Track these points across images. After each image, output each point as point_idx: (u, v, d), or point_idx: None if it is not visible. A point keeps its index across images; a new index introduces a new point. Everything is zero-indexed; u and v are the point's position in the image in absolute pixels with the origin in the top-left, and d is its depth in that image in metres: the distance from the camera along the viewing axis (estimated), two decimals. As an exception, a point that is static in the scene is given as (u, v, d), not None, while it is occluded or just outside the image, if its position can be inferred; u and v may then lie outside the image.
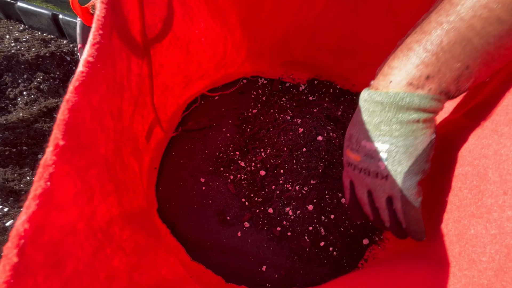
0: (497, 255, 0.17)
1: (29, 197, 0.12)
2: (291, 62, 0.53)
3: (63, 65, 0.70)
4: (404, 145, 0.22)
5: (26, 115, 0.59)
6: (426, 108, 0.21)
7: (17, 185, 0.48)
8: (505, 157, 0.20)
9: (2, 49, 0.65)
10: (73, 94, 0.15)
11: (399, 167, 0.22)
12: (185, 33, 0.35)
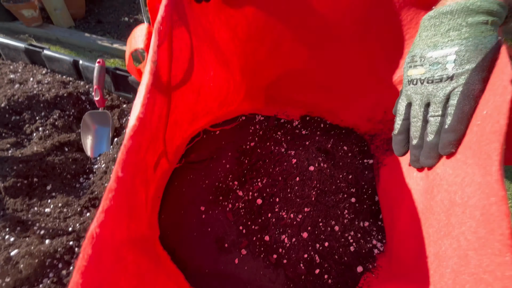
0: (454, 265, 0.19)
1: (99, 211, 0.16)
2: (285, 101, 0.59)
3: (78, 103, 0.76)
4: (474, 43, 0.24)
5: (40, 149, 0.63)
6: (494, 10, 0.23)
7: (25, 215, 0.50)
8: (467, 183, 0.23)
9: (25, 90, 0.72)
10: (130, 141, 0.20)
11: (467, 65, 0.24)
12: (199, 80, 0.40)
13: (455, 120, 0.25)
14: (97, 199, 0.56)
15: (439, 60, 0.26)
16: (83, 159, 0.67)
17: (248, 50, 0.48)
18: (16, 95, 0.70)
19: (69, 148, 0.68)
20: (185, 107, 0.41)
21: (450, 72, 0.25)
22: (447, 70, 0.25)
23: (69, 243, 0.46)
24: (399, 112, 0.30)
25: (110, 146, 0.70)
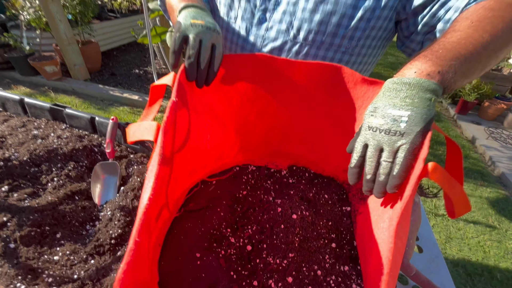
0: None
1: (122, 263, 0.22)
2: (274, 153, 0.67)
3: (91, 155, 0.85)
4: (421, 112, 0.32)
5: (54, 198, 0.70)
6: (438, 91, 0.32)
7: (36, 263, 0.54)
8: (380, 223, 0.29)
9: (46, 145, 0.81)
10: (143, 216, 0.27)
11: (414, 128, 0.31)
12: (197, 143, 0.49)
13: (401, 170, 0.32)
14: (102, 246, 0.61)
15: (395, 118, 0.33)
16: (91, 207, 0.73)
17: (241, 115, 0.58)
18: (38, 149, 0.79)
19: (79, 196, 0.75)
20: (185, 164, 0.48)
21: (402, 130, 0.32)
22: (400, 127, 0.32)
23: (74, 291, 0.49)
24: (356, 150, 0.37)
25: (117, 194, 0.76)
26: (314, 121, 0.57)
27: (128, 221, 0.66)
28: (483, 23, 0.37)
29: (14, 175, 0.74)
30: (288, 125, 0.61)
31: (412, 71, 0.34)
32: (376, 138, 0.34)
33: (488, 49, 0.36)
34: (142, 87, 2.89)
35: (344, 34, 0.52)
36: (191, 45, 0.42)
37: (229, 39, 0.61)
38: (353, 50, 0.54)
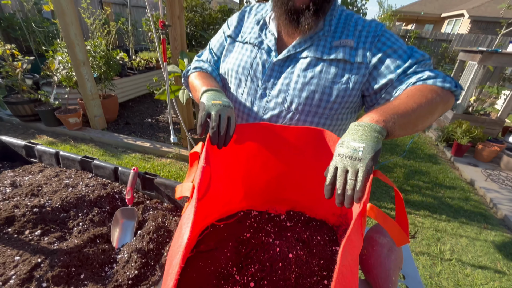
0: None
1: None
2: (273, 199, 0.77)
3: (112, 201, 0.96)
4: (372, 145, 0.45)
5: (79, 241, 0.79)
6: (381, 132, 0.47)
7: (63, 301, 0.61)
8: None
9: (75, 192, 0.93)
10: (188, 242, 0.37)
11: (368, 155, 0.44)
12: (213, 193, 0.61)
13: (362, 185, 0.44)
14: (120, 286, 0.68)
15: (355, 148, 0.46)
16: (110, 249, 0.81)
17: (246, 168, 0.70)
18: (68, 197, 0.91)
19: (100, 240, 0.83)
20: (202, 211, 0.59)
21: (360, 156, 0.45)
22: (359, 155, 0.45)
23: (98, 326, 0.55)
24: (330, 171, 0.48)
25: (133, 237, 0.85)
26: (306, 173, 0.69)
27: (143, 263, 0.74)
28: (414, 97, 0.56)
29: (46, 220, 0.84)
30: (285, 176, 0.73)
31: (367, 118, 0.50)
32: (343, 162, 0.46)
33: (415, 113, 0.53)
34: (154, 135, 3.12)
35: (325, 106, 0.68)
36: (213, 119, 0.57)
37: (237, 108, 0.77)
38: (332, 116, 0.70)
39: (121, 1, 7.47)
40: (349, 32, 0.68)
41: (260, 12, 0.77)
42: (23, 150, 1.16)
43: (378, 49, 0.66)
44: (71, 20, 2.36)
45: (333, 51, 0.67)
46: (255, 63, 0.72)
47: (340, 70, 0.67)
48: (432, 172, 2.76)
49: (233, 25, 0.80)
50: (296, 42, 0.69)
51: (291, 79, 0.69)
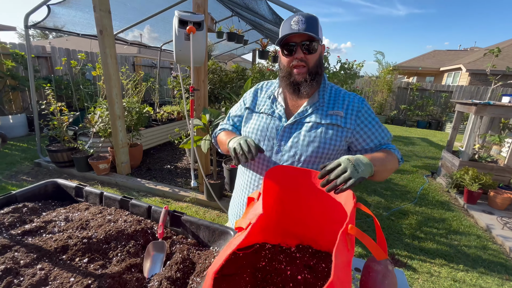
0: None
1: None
2: (285, 234, 0.90)
3: (145, 235, 1.10)
4: (366, 172, 0.69)
5: (119, 269, 0.92)
6: (372, 171, 0.71)
7: (109, 317, 0.72)
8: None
9: (116, 227, 1.09)
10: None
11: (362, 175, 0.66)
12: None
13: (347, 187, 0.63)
14: (154, 308, 0.78)
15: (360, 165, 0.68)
16: (142, 278, 0.93)
17: (269, 211, 0.87)
18: (111, 231, 1.07)
19: (134, 269, 0.96)
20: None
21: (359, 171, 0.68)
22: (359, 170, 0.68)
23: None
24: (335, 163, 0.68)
25: (162, 267, 0.97)
26: (312, 211, 0.84)
27: (172, 290, 0.85)
28: (384, 157, 0.82)
29: (92, 250, 0.99)
30: (294, 213, 0.87)
31: (363, 160, 0.72)
32: (348, 164, 0.66)
33: (387, 166, 0.80)
34: (172, 180, 3.33)
35: (325, 156, 0.87)
36: (239, 148, 0.78)
37: (258, 161, 0.98)
38: (329, 161, 0.89)
39: (149, 63, 8.64)
40: (339, 104, 0.93)
41: (270, 89, 1.04)
42: (73, 191, 1.37)
43: (361, 121, 0.94)
44: (114, 83, 2.84)
45: (329, 118, 0.91)
46: (270, 127, 0.96)
47: (335, 131, 0.90)
48: (446, 219, 2.72)
49: (250, 100, 1.07)
50: (300, 111, 0.93)
51: (299, 138, 0.91)
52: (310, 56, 0.88)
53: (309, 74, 0.89)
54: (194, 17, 1.70)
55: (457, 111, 3.66)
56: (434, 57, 16.93)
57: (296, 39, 0.86)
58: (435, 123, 9.57)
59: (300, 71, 0.88)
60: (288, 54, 0.89)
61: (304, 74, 0.88)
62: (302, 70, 0.88)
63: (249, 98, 1.07)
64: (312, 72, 0.89)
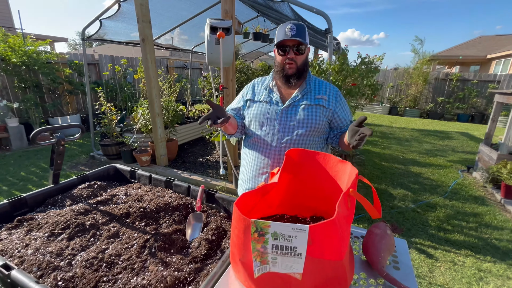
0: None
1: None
2: (300, 207, 1.07)
3: (186, 208, 1.34)
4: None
5: (168, 231, 1.16)
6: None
7: (164, 260, 0.96)
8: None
9: (164, 201, 1.35)
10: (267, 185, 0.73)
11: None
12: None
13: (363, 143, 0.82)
14: (195, 258, 1.01)
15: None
16: (185, 240, 1.17)
17: (286, 187, 1.04)
18: (160, 203, 1.33)
19: (179, 233, 1.20)
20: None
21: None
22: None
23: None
24: (362, 130, 0.87)
25: (200, 233, 1.20)
26: (322, 186, 1.00)
27: (209, 247, 1.07)
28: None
29: (147, 217, 1.26)
30: (308, 190, 1.04)
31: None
32: (364, 131, 0.84)
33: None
34: (204, 171, 3.63)
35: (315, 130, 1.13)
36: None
37: (263, 139, 1.16)
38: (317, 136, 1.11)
39: (181, 65, 9.19)
40: (322, 91, 1.17)
41: (265, 82, 1.27)
42: (128, 173, 1.68)
43: (339, 104, 1.19)
44: (154, 85, 3.20)
45: (316, 101, 1.14)
46: (270, 111, 1.18)
47: (320, 111, 1.15)
48: (478, 214, 2.62)
49: (249, 93, 1.29)
50: (293, 96, 1.16)
51: (295, 117, 1.13)
52: (299, 57, 1.11)
53: (297, 70, 1.12)
54: (223, 24, 1.92)
55: (496, 101, 3.42)
56: (480, 43, 15.34)
57: (289, 43, 1.09)
58: (478, 117, 8.77)
59: (291, 67, 1.12)
60: (282, 54, 1.12)
61: (293, 69, 1.12)
62: (292, 66, 1.11)
63: (247, 91, 1.30)
64: (300, 68, 1.13)
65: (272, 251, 0.60)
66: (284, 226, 0.57)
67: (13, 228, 1.09)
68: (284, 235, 0.57)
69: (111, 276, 0.87)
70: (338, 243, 0.63)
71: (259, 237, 0.59)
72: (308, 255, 0.59)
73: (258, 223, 0.59)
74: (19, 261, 0.89)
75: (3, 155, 4.04)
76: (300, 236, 0.57)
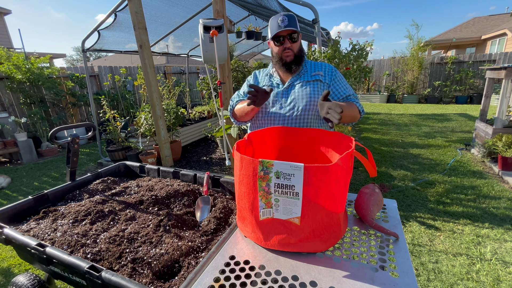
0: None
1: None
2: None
3: (194, 193, 1.44)
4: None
5: (179, 213, 1.27)
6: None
7: (179, 235, 1.06)
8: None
9: (173, 188, 1.45)
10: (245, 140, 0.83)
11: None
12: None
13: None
14: (206, 232, 1.11)
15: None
16: (196, 220, 1.27)
17: (275, 149, 1.14)
18: (169, 191, 1.43)
19: (190, 215, 1.30)
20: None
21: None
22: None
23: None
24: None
25: (209, 214, 1.30)
26: (307, 150, 1.09)
27: (218, 223, 1.17)
28: (347, 105, 1.05)
29: (159, 203, 1.36)
30: (294, 153, 1.13)
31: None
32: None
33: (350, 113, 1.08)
34: (209, 168, 3.74)
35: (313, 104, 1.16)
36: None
37: (271, 117, 1.25)
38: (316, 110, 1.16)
39: (178, 70, 9.33)
40: (318, 68, 1.25)
41: (265, 71, 1.37)
42: (137, 169, 1.78)
43: (335, 77, 1.25)
44: (154, 88, 3.32)
45: (313, 77, 1.22)
46: (273, 93, 1.25)
47: (318, 85, 1.21)
48: (476, 186, 2.69)
49: (252, 80, 1.39)
50: (292, 78, 1.25)
51: (295, 95, 1.21)
52: (294, 44, 1.20)
53: (295, 56, 1.21)
54: (215, 22, 2.02)
55: (488, 77, 3.48)
56: (473, 25, 15.28)
57: (283, 33, 1.17)
58: (477, 97, 8.77)
59: (288, 55, 1.20)
60: (278, 44, 1.20)
61: (291, 56, 1.20)
62: (290, 54, 1.20)
63: (252, 79, 1.41)
64: (297, 54, 1.21)
65: (274, 190, 0.70)
66: (284, 164, 0.67)
67: (39, 219, 1.20)
68: (284, 174, 0.67)
69: (132, 248, 0.97)
70: (334, 191, 0.71)
71: (264, 175, 0.69)
72: (305, 196, 0.68)
73: (264, 162, 0.68)
74: (50, 242, 0.99)
75: (15, 169, 4.18)
76: (297, 175, 0.66)
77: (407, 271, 0.68)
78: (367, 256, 0.75)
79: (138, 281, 0.82)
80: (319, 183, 0.68)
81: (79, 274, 0.82)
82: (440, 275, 1.56)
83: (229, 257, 0.80)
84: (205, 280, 0.71)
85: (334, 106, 0.91)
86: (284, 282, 0.68)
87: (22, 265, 1.92)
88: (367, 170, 0.77)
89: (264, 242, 0.80)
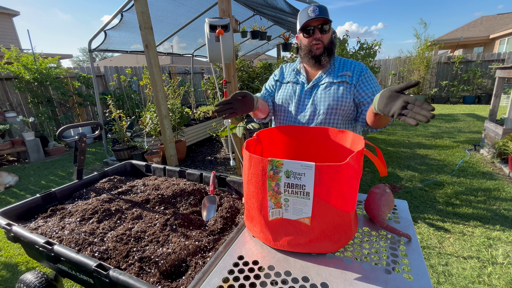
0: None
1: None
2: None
3: (200, 193, 1.44)
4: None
5: (186, 213, 1.26)
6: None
7: (185, 234, 1.06)
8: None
9: (180, 187, 1.45)
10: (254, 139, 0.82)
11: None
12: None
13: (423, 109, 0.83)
14: (213, 231, 1.10)
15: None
16: (202, 220, 1.26)
17: (284, 148, 1.13)
18: (176, 190, 1.43)
19: (196, 214, 1.29)
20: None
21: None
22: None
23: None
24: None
25: (215, 213, 1.29)
26: (318, 151, 1.07)
27: (224, 223, 1.16)
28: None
29: (165, 202, 1.36)
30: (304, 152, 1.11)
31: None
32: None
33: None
34: (213, 168, 3.74)
35: (339, 108, 1.11)
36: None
37: (292, 116, 1.23)
38: (342, 115, 1.12)
39: (183, 70, 9.37)
40: (347, 68, 1.18)
41: (292, 66, 1.32)
42: (143, 168, 1.78)
43: (363, 77, 1.15)
44: (159, 88, 3.33)
45: (339, 78, 1.15)
46: (296, 92, 1.23)
47: (344, 87, 1.14)
48: (487, 188, 2.63)
49: (278, 75, 1.35)
50: (317, 77, 1.20)
51: (317, 96, 1.17)
52: (325, 35, 1.12)
53: (325, 49, 1.14)
54: (221, 21, 2.01)
55: (498, 77, 3.41)
56: (481, 24, 15.04)
57: (314, 23, 1.10)
58: (485, 97, 8.62)
59: (318, 47, 1.13)
60: (308, 36, 1.13)
61: (321, 49, 1.13)
62: (320, 46, 1.13)
63: (277, 73, 1.37)
64: (327, 47, 1.14)
65: (284, 190, 0.68)
66: (294, 163, 0.65)
67: (47, 217, 1.20)
68: (294, 173, 0.65)
69: (140, 247, 0.96)
70: (345, 190, 0.69)
71: (274, 174, 0.67)
72: (315, 196, 0.67)
73: (274, 161, 0.67)
74: (58, 240, 0.99)
75: (23, 167, 4.24)
76: (308, 174, 0.65)
77: (422, 274, 0.66)
78: (379, 258, 0.73)
79: (146, 280, 0.81)
80: (330, 182, 0.67)
81: (87, 272, 0.81)
82: (450, 278, 1.53)
83: (238, 257, 0.79)
84: (213, 280, 0.69)
85: (412, 100, 0.66)
86: (294, 283, 0.66)
87: (30, 262, 1.94)
88: (377, 169, 0.75)
89: (273, 242, 0.79)
